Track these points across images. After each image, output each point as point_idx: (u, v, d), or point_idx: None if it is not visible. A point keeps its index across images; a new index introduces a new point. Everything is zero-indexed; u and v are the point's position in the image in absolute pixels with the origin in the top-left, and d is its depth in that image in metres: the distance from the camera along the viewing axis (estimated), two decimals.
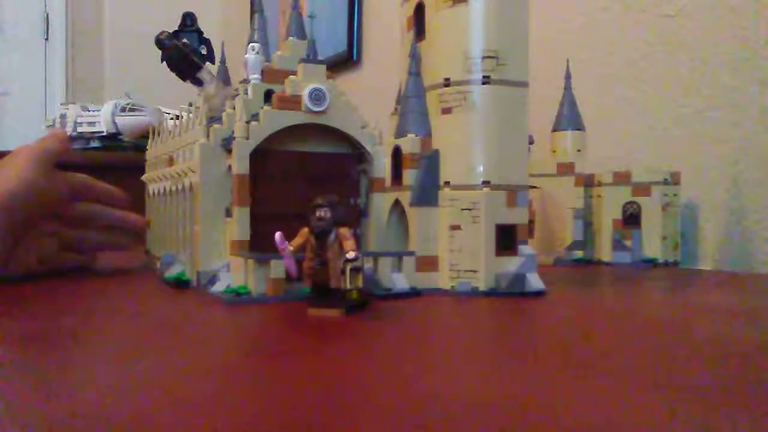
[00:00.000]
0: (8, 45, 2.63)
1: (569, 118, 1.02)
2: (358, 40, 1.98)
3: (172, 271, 0.70)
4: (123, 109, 1.67)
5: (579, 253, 0.99)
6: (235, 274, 0.61)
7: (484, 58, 0.63)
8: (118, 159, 1.71)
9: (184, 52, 0.71)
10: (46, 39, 2.70)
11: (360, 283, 0.47)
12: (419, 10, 0.68)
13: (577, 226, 0.99)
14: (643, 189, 0.98)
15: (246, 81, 0.77)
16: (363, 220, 0.70)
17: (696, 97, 1.04)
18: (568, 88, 1.02)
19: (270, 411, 0.27)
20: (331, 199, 0.50)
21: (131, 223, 0.85)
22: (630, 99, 1.15)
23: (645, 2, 1.12)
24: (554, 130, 1.03)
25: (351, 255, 0.47)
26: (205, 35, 0.76)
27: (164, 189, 0.80)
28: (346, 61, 2.00)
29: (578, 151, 1.01)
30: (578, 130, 1.01)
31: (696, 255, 1.04)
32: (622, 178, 0.99)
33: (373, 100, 0.88)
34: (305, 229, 0.50)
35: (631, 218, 0.99)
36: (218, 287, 0.60)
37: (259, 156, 0.63)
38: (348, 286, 0.47)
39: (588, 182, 1.02)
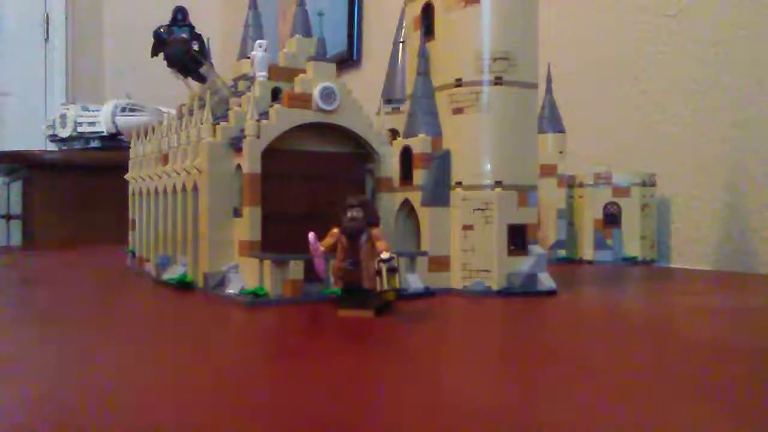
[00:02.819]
0: (8, 45, 2.60)
1: (550, 120, 1.03)
2: (358, 40, 1.97)
3: (172, 273, 0.67)
4: (123, 109, 1.66)
5: (562, 252, 1.01)
6: (246, 275, 0.59)
7: (496, 59, 0.63)
8: (118, 159, 1.67)
9: (187, 46, 0.69)
10: (46, 39, 2.66)
11: (397, 283, 0.47)
12: (427, 9, 0.67)
13: (560, 226, 1.01)
14: (623, 190, 1.00)
15: (246, 78, 0.75)
16: None
17: (696, 97, 1.04)
18: (548, 91, 1.03)
19: (291, 410, 0.27)
20: (362, 199, 0.49)
21: None
22: (630, 99, 1.14)
23: (645, 2, 1.12)
24: None
25: (386, 255, 0.47)
26: (196, 31, 0.74)
27: (155, 188, 0.77)
28: (346, 61, 1.98)
29: (560, 152, 1.03)
30: (559, 132, 1.03)
31: (669, 254, 1.06)
32: (602, 180, 1.01)
33: (372, 100, 0.86)
34: (335, 230, 0.49)
35: (610, 218, 1.01)
36: (232, 289, 0.59)
37: (265, 155, 0.62)
38: (385, 286, 0.46)
39: (570, 183, 1.03)
